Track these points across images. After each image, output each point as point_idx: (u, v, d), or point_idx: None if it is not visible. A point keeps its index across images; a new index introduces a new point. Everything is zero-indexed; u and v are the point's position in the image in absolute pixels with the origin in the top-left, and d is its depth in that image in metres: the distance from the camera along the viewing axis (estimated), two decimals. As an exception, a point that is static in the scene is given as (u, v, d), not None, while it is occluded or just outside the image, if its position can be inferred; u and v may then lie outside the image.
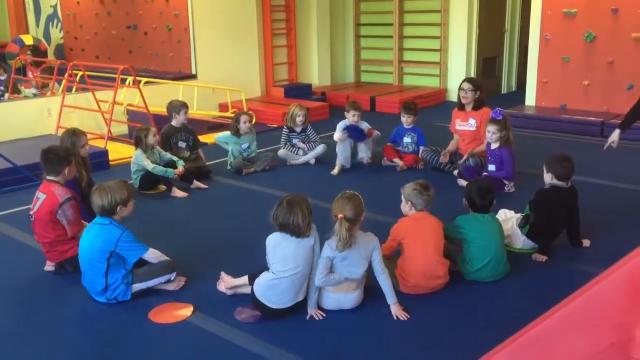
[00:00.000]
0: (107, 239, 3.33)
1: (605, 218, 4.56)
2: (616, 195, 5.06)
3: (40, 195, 3.77)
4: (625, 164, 5.86)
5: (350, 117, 6.03)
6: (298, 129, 6.35)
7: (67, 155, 3.94)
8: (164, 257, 3.55)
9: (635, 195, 4.93)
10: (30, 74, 9.24)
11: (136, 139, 5.45)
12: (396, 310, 3.19)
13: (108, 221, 3.40)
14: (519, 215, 4.10)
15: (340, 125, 6.06)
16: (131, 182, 5.42)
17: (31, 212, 3.81)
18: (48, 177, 3.83)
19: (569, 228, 3.97)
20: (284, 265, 3.12)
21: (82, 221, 3.97)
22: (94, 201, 3.40)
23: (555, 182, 3.90)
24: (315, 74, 10.54)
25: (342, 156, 5.97)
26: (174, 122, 5.96)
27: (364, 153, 6.07)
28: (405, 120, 6.13)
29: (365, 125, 6.09)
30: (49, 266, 3.86)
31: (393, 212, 3.83)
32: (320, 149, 6.30)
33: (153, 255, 3.50)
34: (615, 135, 4.69)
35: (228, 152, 6.07)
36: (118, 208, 3.40)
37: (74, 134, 4.64)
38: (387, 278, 3.23)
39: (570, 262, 3.80)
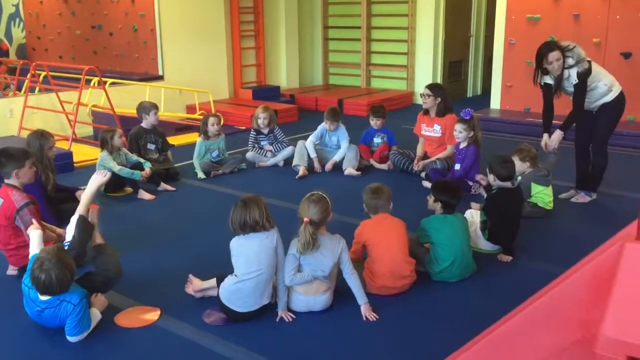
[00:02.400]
0: (61, 317, 3.03)
1: (568, 219, 4.67)
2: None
3: None
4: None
5: (330, 126, 6.08)
6: (265, 131, 6.33)
7: (18, 157, 3.71)
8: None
9: (600, 197, 5.05)
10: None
11: (102, 140, 5.37)
12: (366, 311, 3.21)
13: (57, 301, 2.99)
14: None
15: (316, 134, 6.11)
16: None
17: None
18: (6, 181, 3.72)
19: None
20: (247, 268, 3.12)
21: (45, 224, 3.89)
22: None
23: (500, 183, 3.98)
24: (283, 76, 10.53)
25: (297, 156, 5.98)
26: (144, 124, 5.89)
27: (350, 163, 5.98)
28: (374, 123, 6.19)
29: (343, 133, 6.10)
30: (12, 270, 3.77)
31: (357, 213, 3.86)
32: (288, 150, 6.29)
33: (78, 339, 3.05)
34: (545, 138, 4.90)
35: (195, 160, 5.97)
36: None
37: (42, 136, 4.55)
38: (356, 279, 3.25)
39: (534, 262, 3.87)
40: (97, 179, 3.48)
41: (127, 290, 3.48)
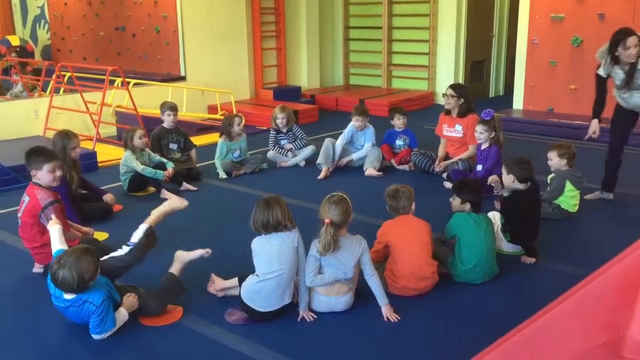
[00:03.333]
0: (84, 316, 3.08)
1: (593, 221, 4.61)
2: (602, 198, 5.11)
3: (25, 198, 3.72)
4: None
5: (356, 123, 6.05)
6: (285, 130, 6.37)
7: (38, 159, 3.72)
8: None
9: (621, 198, 4.98)
10: (14, 76, 9.17)
11: (125, 140, 5.43)
12: (387, 312, 3.21)
13: (80, 301, 3.03)
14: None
15: (346, 135, 6.10)
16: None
17: (19, 217, 3.78)
18: (33, 179, 3.77)
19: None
20: (268, 268, 3.14)
21: (70, 222, 3.94)
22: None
23: (517, 185, 3.95)
24: (304, 76, 10.56)
25: (322, 155, 5.96)
26: (164, 124, 5.95)
27: (371, 164, 5.94)
28: (397, 123, 6.17)
29: (370, 135, 6.09)
30: (38, 268, 3.83)
31: (379, 213, 3.84)
32: (309, 150, 6.31)
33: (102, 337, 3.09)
34: (595, 125, 4.83)
35: (217, 160, 6.02)
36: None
37: (66, 136, 4.61)
38: (377, 280, 3.25)
39: (558, 264, 3.83)
40: (176, 204, 3.59)
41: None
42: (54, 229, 3.40)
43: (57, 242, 3.30)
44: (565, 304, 1.52)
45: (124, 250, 3.30)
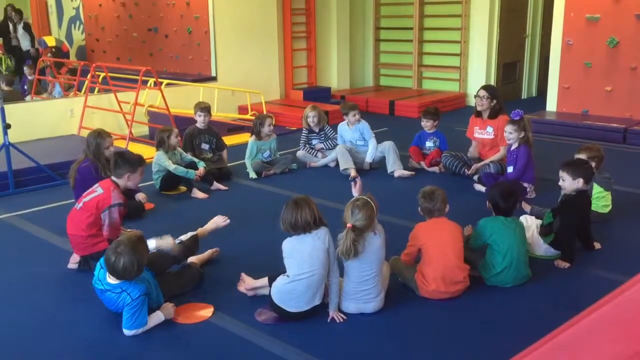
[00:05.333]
0: (118, 305, 3.17)
1: (629, 226, 4.52)
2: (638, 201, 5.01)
3: (98, 189, 3.85)
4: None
5: (352, 118, 6.06)
6: (317, 129, 6.38)
7: (133, 163, 3.99)
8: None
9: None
10: (49, 76, 9.35)
11: (159, 140, 5.49)
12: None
13: (119, 289, 3.13)
14: (538, 222, 4.07)
15: (339, 137, 6.18)
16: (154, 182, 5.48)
17: (82, 200, 3.85)
18: (112, 177, 3.93)
19: (582, 231, 3.98)
20: (299, 269, 3.13)
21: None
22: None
23: (583, 186, 3.89)
24: (334, 77, 10.55)
25: (342, 161, 5.92)
26: (197, 124, 6.02)
27: (395, 165, 5.90)
28: (425, 125, 6.13)
29: (366, 129, 6.09)
30: (72, 264, 3.90)
31: (407, 214, 3.82)
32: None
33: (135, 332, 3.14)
34: None
35: (247, 160, 6.05)
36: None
37: (99, 135, 4.70)
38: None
39: (593, 269, 3.76)
40: (219, 222, 4.01)
41: (182, 286, 3.55)
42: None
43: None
44: (603, 309, 1.49)
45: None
